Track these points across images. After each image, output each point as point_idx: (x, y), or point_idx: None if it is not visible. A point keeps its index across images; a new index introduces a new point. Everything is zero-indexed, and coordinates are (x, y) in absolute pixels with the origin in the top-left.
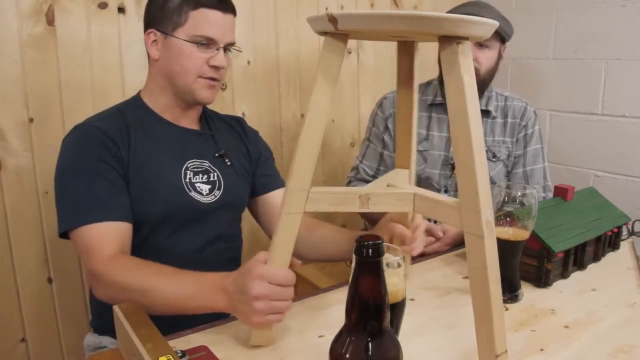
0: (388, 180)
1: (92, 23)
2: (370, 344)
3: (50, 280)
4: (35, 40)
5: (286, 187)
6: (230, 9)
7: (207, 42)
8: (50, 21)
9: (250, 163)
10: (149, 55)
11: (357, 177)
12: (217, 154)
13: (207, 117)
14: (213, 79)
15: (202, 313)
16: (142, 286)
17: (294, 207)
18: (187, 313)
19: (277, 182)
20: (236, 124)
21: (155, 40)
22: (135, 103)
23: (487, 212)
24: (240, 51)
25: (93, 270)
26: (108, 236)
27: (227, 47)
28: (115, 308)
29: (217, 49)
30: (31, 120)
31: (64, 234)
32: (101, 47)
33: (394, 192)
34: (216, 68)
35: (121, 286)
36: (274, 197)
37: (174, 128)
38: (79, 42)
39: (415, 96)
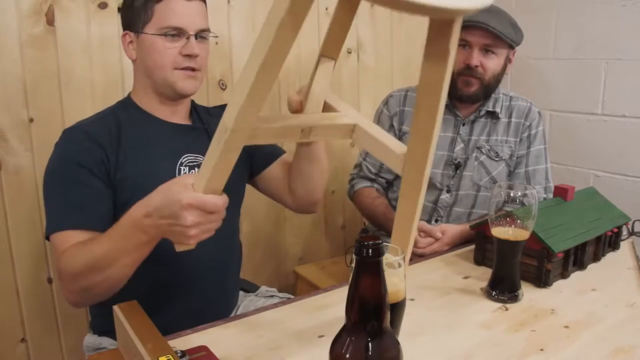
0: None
1: (92, 23)
2: (370, 344)
3: (50, 280)
4: (35, 40)
5: (229, 127)
6: None
7: (175, 33)
8: (50, 21)
9: (243, 149)
10: (128, 57)
11: (360, 175)
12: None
13: (197, 111)
14: (191, 69)
15: (147, 250)
16: (86, 263)
17: (235, 144)
18: (137, 261)
19: (276, 151)
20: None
21: (130, 42)
22: (127, 104)
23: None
24: (217, 36)
25: (56, 271)
26: (72, 241)
27: (200, 34)
28: (115, 308)
29: (187, 38)
30: (31, 120)
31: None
32: (101, 47)
33: (335, 123)
34: (189, 57)
35: (72, 275)
36: (274, 168)
37: (165, 125)
38: (79, 42)
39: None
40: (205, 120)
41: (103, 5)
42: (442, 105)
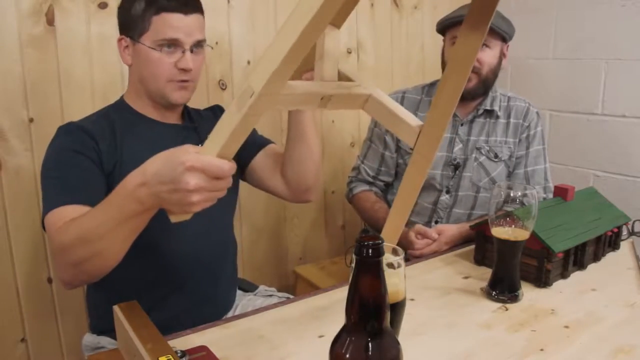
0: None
1: (92, 23)
2: (370, 344)
3: (50, 280)
4: (35, 40)
5: (255, 91)
6: (193, 9)
7: (171, 46)
8: (50, 21)
9: None
10: (123, 62)
11: (358, 178)
12: (200, 145)
13: (189, 113)
14: (183, 81)
15: (141, 223)
16: (77, 235)
17: (258, 110)
18: (130, 234)
19: (261, 141)
20: (214, 113)
21: (126, 47)
22: (120, 106)
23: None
24: (212, 48)
25: (51, 251)
26: (66, 217)
27: (195, 46)
28: (115, 308)
29: (183, 51)
30: (31, 120)
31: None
32: (101, 47)
33: (352, 92)
34: (184, 70)
35: (64, 248)
36: (263, 157)
37: (159, 125)
38: (79, 42)
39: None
40: (196, 120)
41: (103, 5)
42: (466, 78)
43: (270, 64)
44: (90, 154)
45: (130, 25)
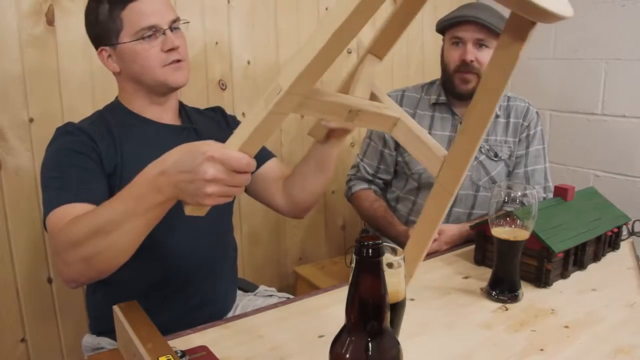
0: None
1: None
2: (370, 344)
3: (50, 280)
4: (35, 40)
5: (283, 89)
6: None
7: (151, 32)
8: (50, 21)
9: None
10: (111, 71)
11: (357, 176)
12: None
13: (187, 112)
14: (176, 61)
15: (157, 217)
16: (88, 230)
17: (283, 108)
18: (146, 227)
19: (266, 154)
20: (215, 114)
21: (109, 56)
22: (115, 107)
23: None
24: (188, 22)
25: (53, 249)
26: (70, 216)
27: (173, 26)
28: (115, 308)
29: (163, 33)
30: (31, 120)
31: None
32: None
33: (381, 112)
34: (172, 50)
35: (71, 245)
36: (267, 169)
37: (156, 126)
38: (79, 42)
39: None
40: (194, 120)
41: None
42: (497, 100)
43: (300, 63)
44: (91, 154)
45: (104, 33)
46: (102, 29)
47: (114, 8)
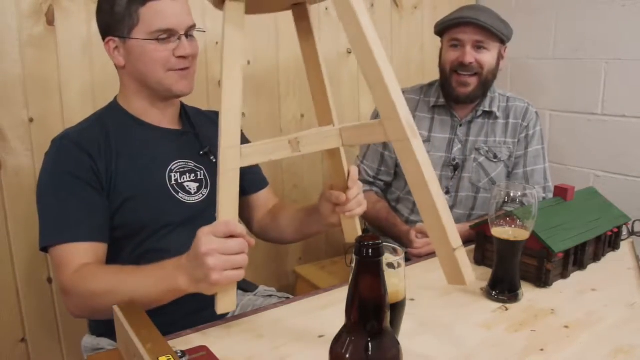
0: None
1: (92, 23)
2: (370, 344)
3: (50, 280)
4: (35, 40)
5: (219, 145)
6: None
7: (166, 35)
8: (50, 21)
9: None
10: (115, 64)
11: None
12: (201, 152)
13: (188, 114)
14: (184, 69)
15: (169, 299)
16: (106, 287)
17: (230, 164)
18: (155, 304)
19: (262, 181)
20: (217, 118)
21: (116, 47)
22: (114, 108)
23: (407, 116)
24: (204, 31)
25: (61, 286)
26: (78, 254)
27: (189, 32)
28: (115, 308)
29: (178, 38)
30: (31, 120)
31: (44, 249)
32: (101, 47)
33: (321, 130)
34: (184, 57)
35: (88, 293)
36: (260, 197)
37: (155, 130)
38: (79, 42)
39: (318, 48)
40: (195, 124)
41: None
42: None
43: (225, 121)
44: (88, 176)
45: (117, 24)
46: (115, 20)
47: (133, 2)
